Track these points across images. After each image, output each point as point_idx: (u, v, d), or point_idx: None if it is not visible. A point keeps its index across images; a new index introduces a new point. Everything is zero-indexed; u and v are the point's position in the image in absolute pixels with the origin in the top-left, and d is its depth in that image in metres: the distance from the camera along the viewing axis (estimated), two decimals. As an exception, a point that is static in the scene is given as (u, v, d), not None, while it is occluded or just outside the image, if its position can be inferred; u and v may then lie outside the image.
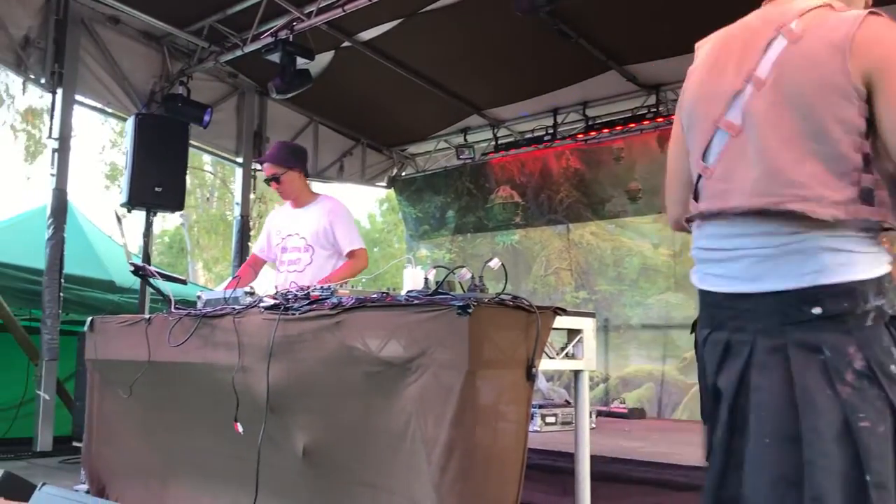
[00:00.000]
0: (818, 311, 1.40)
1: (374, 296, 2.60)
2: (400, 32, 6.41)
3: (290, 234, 4.06)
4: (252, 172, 7.64)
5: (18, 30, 5.77)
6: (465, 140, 8.64)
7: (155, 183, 6.10)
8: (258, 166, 7.10)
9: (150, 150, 6.06)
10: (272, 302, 2.88)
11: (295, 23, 5.92)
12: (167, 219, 19.33)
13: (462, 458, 2.20)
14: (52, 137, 5.96)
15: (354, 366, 2.51)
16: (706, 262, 1.65)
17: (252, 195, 7.74)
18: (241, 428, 2.83)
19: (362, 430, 2.57)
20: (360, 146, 9.00)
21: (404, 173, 9.67)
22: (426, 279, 2.64)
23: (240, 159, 7.68)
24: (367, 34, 6.55)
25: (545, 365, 2.65)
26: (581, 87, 7.28)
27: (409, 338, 2.35)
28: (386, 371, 2.41)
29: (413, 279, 2.71)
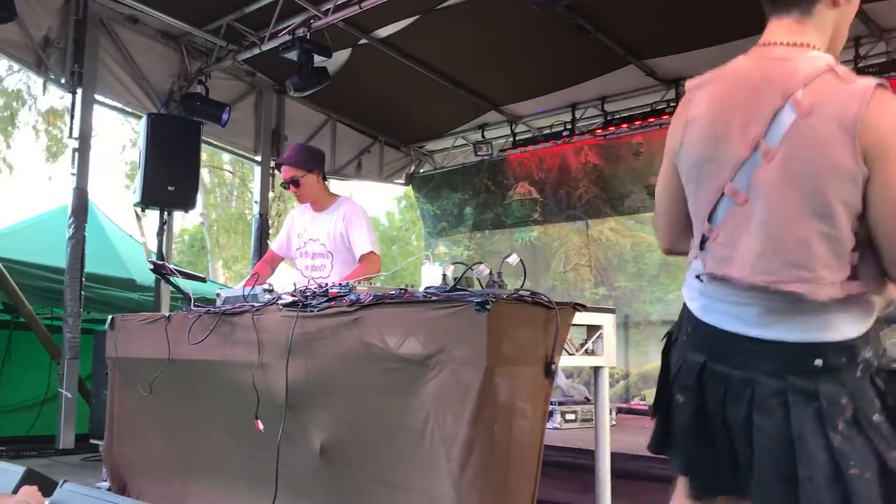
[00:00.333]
0: (819, 363, 1.51)
1: (393, 292, 2.59)
2: (416, 29, 6.40)
3: (311, 239, 4.06)
4: (271, 171, 7.64)
5: (38, 30, 5.82)
6: (483, 136, 8.61)
7: (168, 182, 6.12)
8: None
9: (163, 149, 6.08)
10: (291, 299, 2.88)
11: (312, 20, 5.92)
12: (187, 218, 19.43)
13: (481, 456, 2.19)
14: (73, 137, 6.00)
15: (373, 363, 2.50)
16: (713, 299, 1.67)
17: (271, 193, 7.74)
18: (261, 425, 2.83)
19: (380, 428, 2.56)
20: (378, 143, 9.00)
21: (422, 170, 9.67)
22: (444, 276, 2.63)
23: (258, 158, 7.70)
24: (384, 31, 6.54)
25: (565, 361, 2.63)
26: (599, 81, 7.22)
27: (428, 334, 2.34)
28: (404, 368, 2.40)
29: (431, 276, 2.68)
